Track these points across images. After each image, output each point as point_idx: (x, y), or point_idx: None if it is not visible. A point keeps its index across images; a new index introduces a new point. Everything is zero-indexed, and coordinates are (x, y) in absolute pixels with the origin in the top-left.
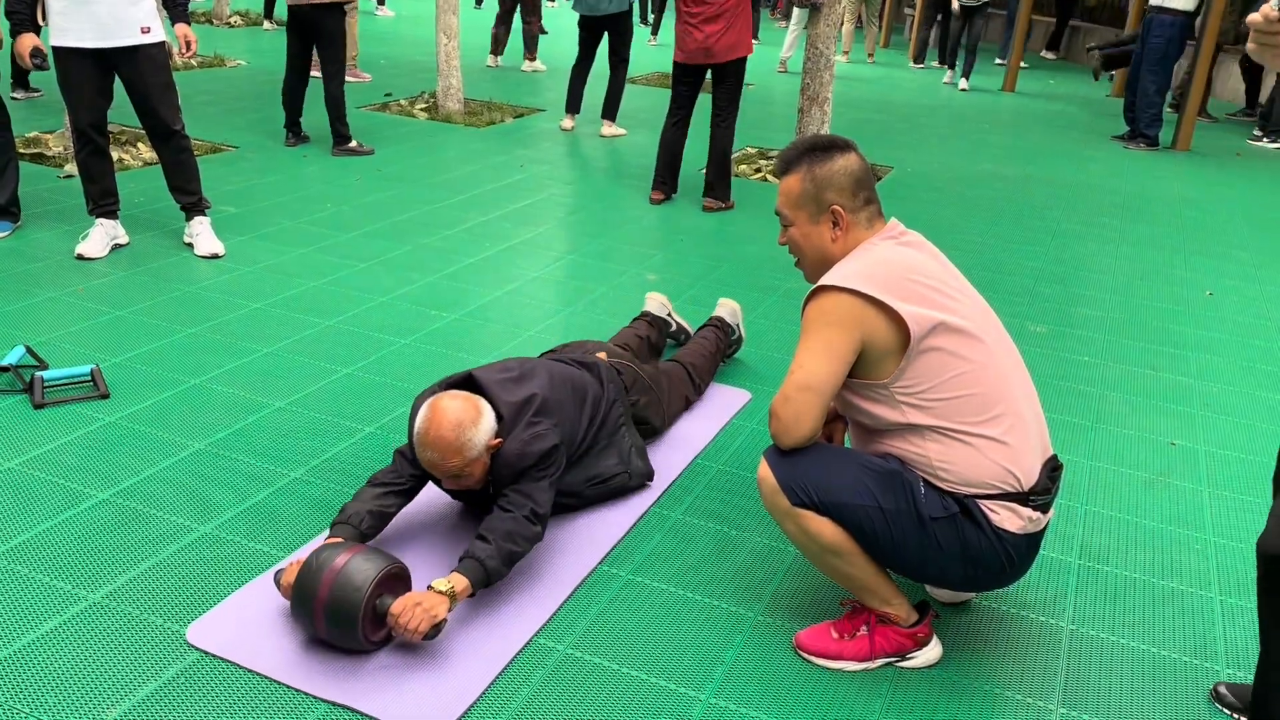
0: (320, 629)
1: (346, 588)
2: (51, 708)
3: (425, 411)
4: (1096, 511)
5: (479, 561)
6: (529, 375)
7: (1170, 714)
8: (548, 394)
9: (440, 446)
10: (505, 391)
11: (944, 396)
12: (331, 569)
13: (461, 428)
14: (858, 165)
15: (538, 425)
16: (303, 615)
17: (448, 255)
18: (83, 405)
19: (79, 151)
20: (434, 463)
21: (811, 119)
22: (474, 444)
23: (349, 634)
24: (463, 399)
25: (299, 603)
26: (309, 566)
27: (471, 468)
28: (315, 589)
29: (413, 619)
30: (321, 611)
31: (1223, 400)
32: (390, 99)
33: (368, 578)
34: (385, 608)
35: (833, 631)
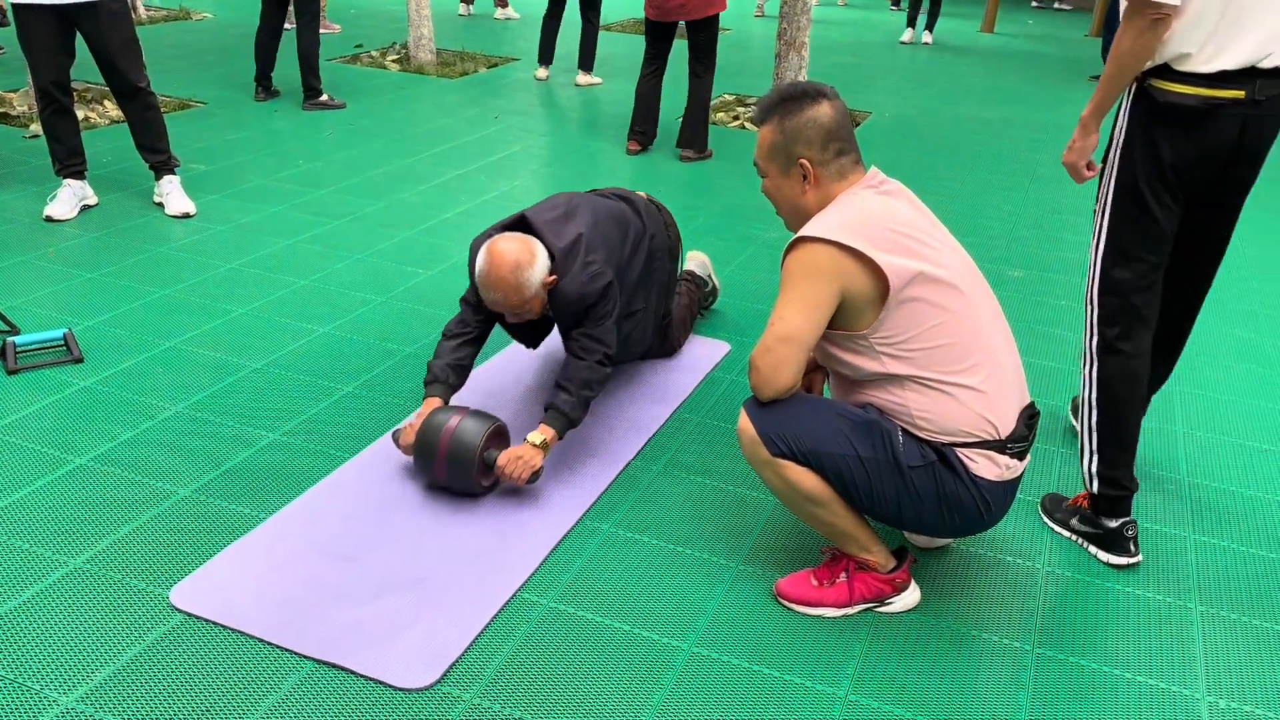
0: (440, 477)
1: (461, 444)
2: (36, 673)
3: (484, 255)
4: (1073, 455)
5: (562, 413)
6: (575, 213)
7: (1143, 651)
8: (594, 231)
9: (501, 287)
10: (555, 234)
11: (923, 346)
12: (447, 429)
13: (519, 268)
14: (829, 116)
15: (592, 264)
16: (425, 467)
17: (424, 210)
18: (57, 370)
19: (43, 111)
20: (497, 302)
21: (789, 64)
22: (531, 282)
23: (465, 481)
24: (518, 240)
25: (422, 456)
26: (427, 427)
27: (530, 304)
28: (435, 446)
29: (516, 469)
30: (443, 463)
31: (1197, 339)
32: (361, 50)
33: (477, 436)
34: (492, 460)
35: (812, 579)
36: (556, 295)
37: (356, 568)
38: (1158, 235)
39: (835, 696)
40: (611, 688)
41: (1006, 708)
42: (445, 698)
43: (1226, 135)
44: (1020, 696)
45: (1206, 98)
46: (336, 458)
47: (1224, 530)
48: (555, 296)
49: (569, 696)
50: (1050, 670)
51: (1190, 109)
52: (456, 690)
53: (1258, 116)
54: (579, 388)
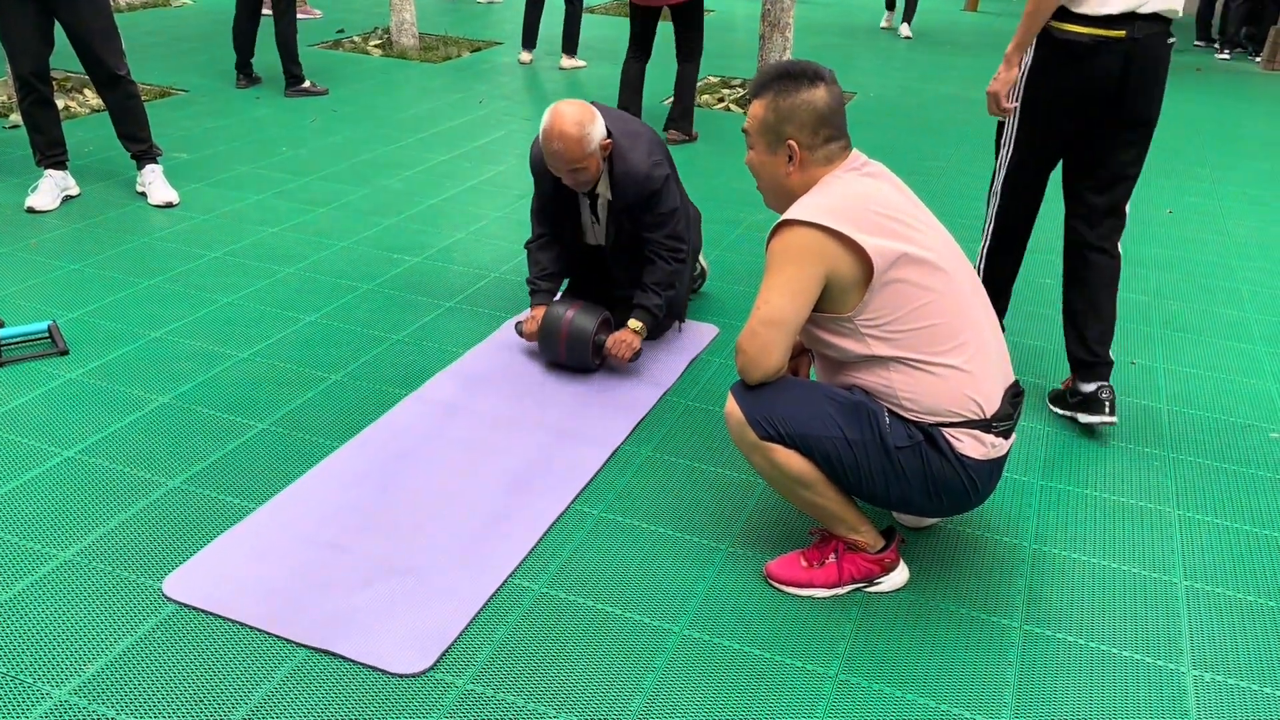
0: (562, 355)
1: (579, 330)
2: (29, 666)
3: (549, 114)
4: (1058, 432)
5: (651, 312)
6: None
7: (1128, 626)
8: (653, 141)
9: (564, 138)
10: (620, 120)
11: (908, 328)
12: (565, 319)
13: (582, 124)
14: (824, 101)
15: (655, 155)
16: (549, 348)
17: (408, 197)
18: (42, 362)
19: (22, 101)
20: (558, 153)
21: (773, 45)
22: (591, 138)
23: (583, 358)
24: (578, 103)
25: (546, 340)
26: (550, 318)
27: (588, 161)
28: (557, 332)
29: (620, 350)
30: (563, 345)
31: (1182, 318)
32: (343, 36)
33: (591, 322)
34: (602, 342)
35: (802, 560)
36: (621, 174)
37: (348, 555)
38: (1052, 146)
39: (826, 676)
40: (604, 671)
41: (995, 683)
42: (439, 683)
43: (1112, 66)
44: (1008, 673)
45: (1095, 35)
46: (325, 446)
47: (1209, 506)
48: (620, 175)
49: (562, 680)
50: (1037, 646)
51: (1083, 44)
52: (450, 676)
53: (1138, 52)
54: (665, 289)
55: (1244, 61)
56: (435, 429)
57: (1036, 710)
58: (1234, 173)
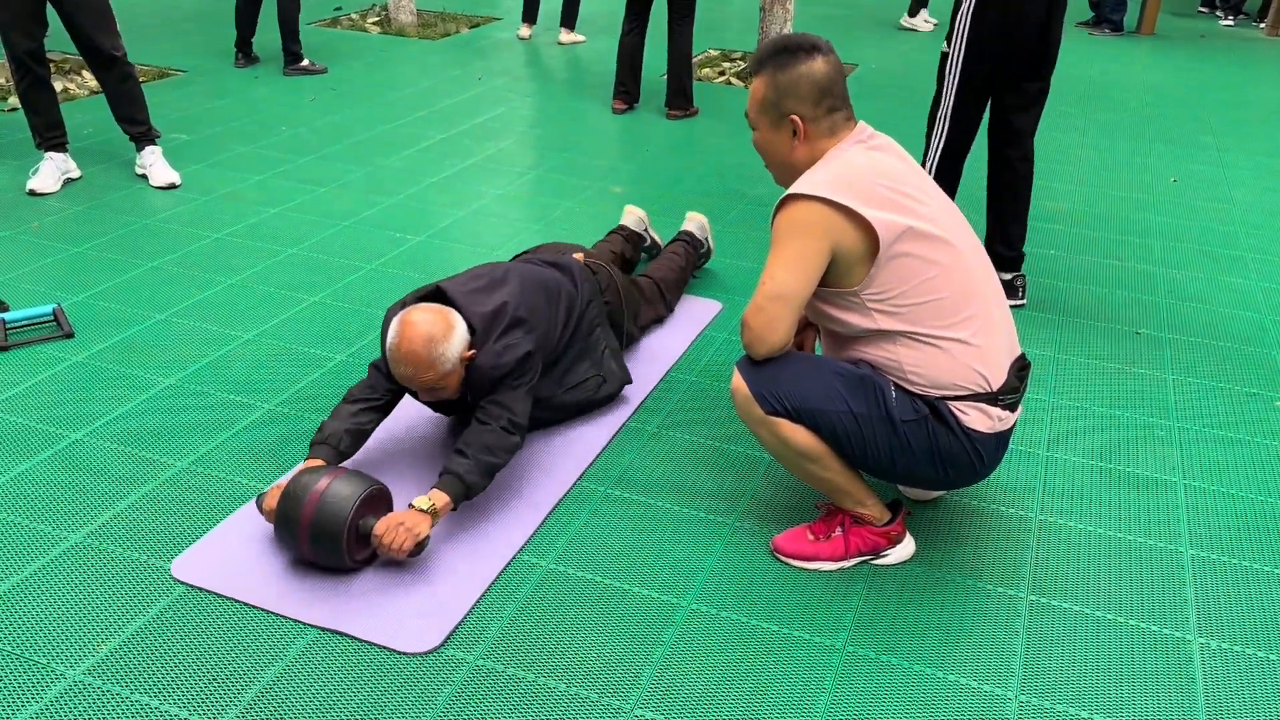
0: (305, 551)
1: (329, 511)
2: (42, 647)
3: (396, 327)
4: (1064, 403)
5: (458, 476)
6: (499, 283)
7: (1135, 595)
8: (519, 300)
9: (413, 361)
10: (475, 302)
11: (914, 301)
12: (313, 493)
13: (433, 342)
14: (823, 72)
15: (510, 335)
16: (288, 538)
17: (409, 175)
18: (48, 346)
19: (19, 84)
20: (408, 377)
21: (774, 18)
22: (447, 357)
23: (334, 554)
24: (433, 312)
25: (283, 526)
26: (291, 492)
27: (446, 380)
28: (299, 513)
29: (396, 538)
30: (306, 534)
31: (1187, 287)
32: (340, 14)
33: (349, 500)
34: (368, 528)
35: (808, 534)
36: (474, 377)
37: None
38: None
39: (834, 648)
40: (613, 645)
41: (1002, 653)
42: (449, 660)
43: (1038, 11)
44: (1015, 643)
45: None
46: None
47: (1215, 475)
48: (474, 378)
49: (571, 655)
50: (1044, 616)
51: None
52: (460, 653)
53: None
54: (478, 451)
55: (1248, 28)
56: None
57: (1044, 680)
58: (1238, 140)
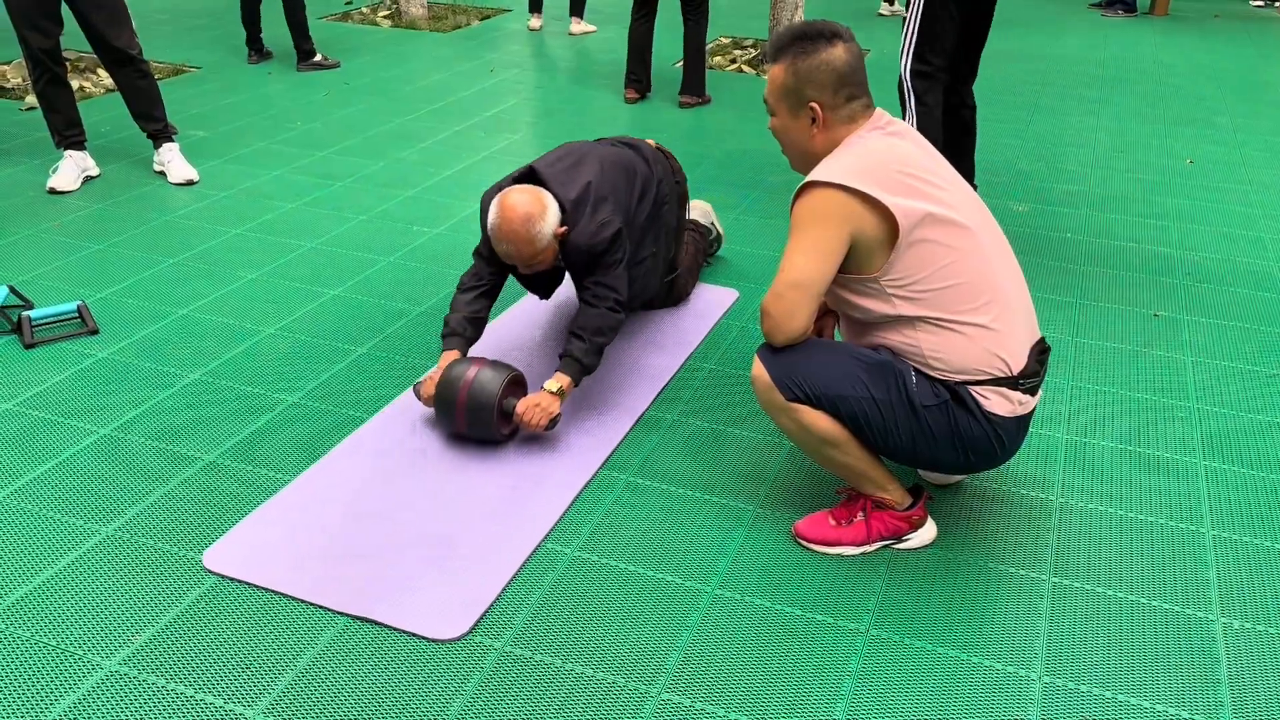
0: (461, 427)
1: (480, 394)
2: (78, 638)
3: (495, 209)
4: (1083, 386)
5: (576, 359)
6: (583, 162)
7: (1157, 576)
8: (601, 179)
9: (514, 239)
10: (564, 183)
11: (934, 287)
12: (465, 381)
13: (531, 220)
14: (843, 60)
15: (600, 213)
16: (445, 417)
17: (425, 168)
18: (73, 342)
19: (36, 82)
20: (509, 254)
21: (785, 4)
22: (543, 234)
23: (485, 429)
24: (529, 193)
25: (442, 408)
26: (446, 380)
27: (543, 255)
28: (454, 398)
29: (534, 417)
30: (462, 414)
31: (1204, 268)
32: (351, 8)
33: (495, 385)
34: (511, 408)
35: (830, 519)
36: (567, 245)
37: (383, 524)
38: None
39: (858, 631)
40: (639, 631)
41: (1025, 635)
42: (478, 647)
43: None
44: (1038, 624)
45: None
46: (356, 418)
47: (1236, 456)
48: (565, 247)
49: (598, 641)
50: (1067, 598)
51: None
52: (488, 639)
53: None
54: (592, 334)
55: (1269, 9)
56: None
57: (1067, 661)
58: (1255, 121)
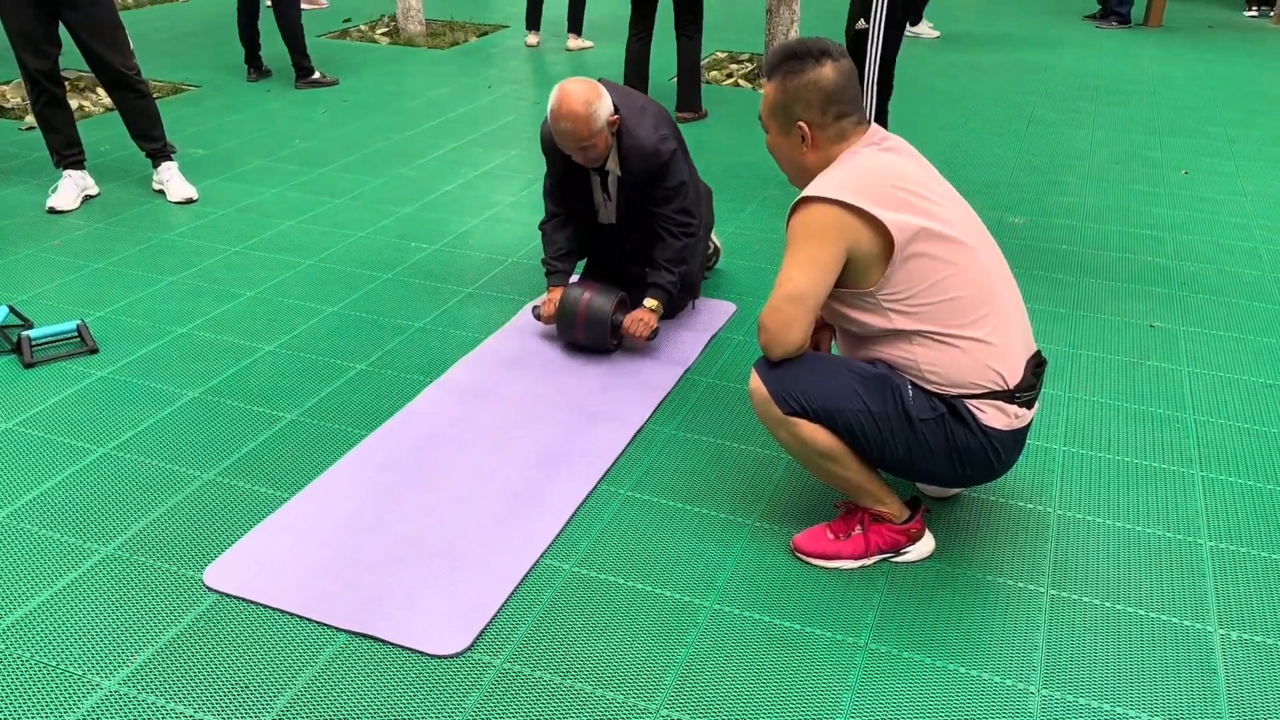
0: (580, 337)
1: (596, 310)
2: (77, 658)
3: (556, 92)
4: (1079, 398)
5: (664, 289)
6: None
7: (1155, 588)
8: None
9: (572, 117)
10: (625, 95)
11: (929, 301)
12: (582, 300)
13: (589, 101)
14: (832, 79)
15: (661, 129)
16: (567, 330)
17: (423, 185)
18: (73, 361)
19: (35, 103)
20: (567, 132)
21: (780, 20)
22: (598, 115)
23: (601, 338)
24: (585, 81)
25: (564, 322)
26: (566, 302)
27: (596, 138)
28: (574, 315)
29: (638, 329)
30: (581, 327)
31: (1200, 279)
32: (349, 25)
33: (608, 303)
34: (619, 322)
35: (828, 533)
36: (629, 149)
37: (382, 541)
38: None
39: (856, 645)
40: (638, 647)
41: (1024, 648)
42: (477, 663)
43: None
44: (1037, 637)
45: None
46: (354, 435)
47: (1233, 467)
48: (628, 150)
49: (597, 657)
50: (1065, 610)
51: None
52: (488, 656)
53: None
54: (677, 264)
55: (1264, 18)
56: (461, 414)
57: (1066, 673)
58: (1248, 131)
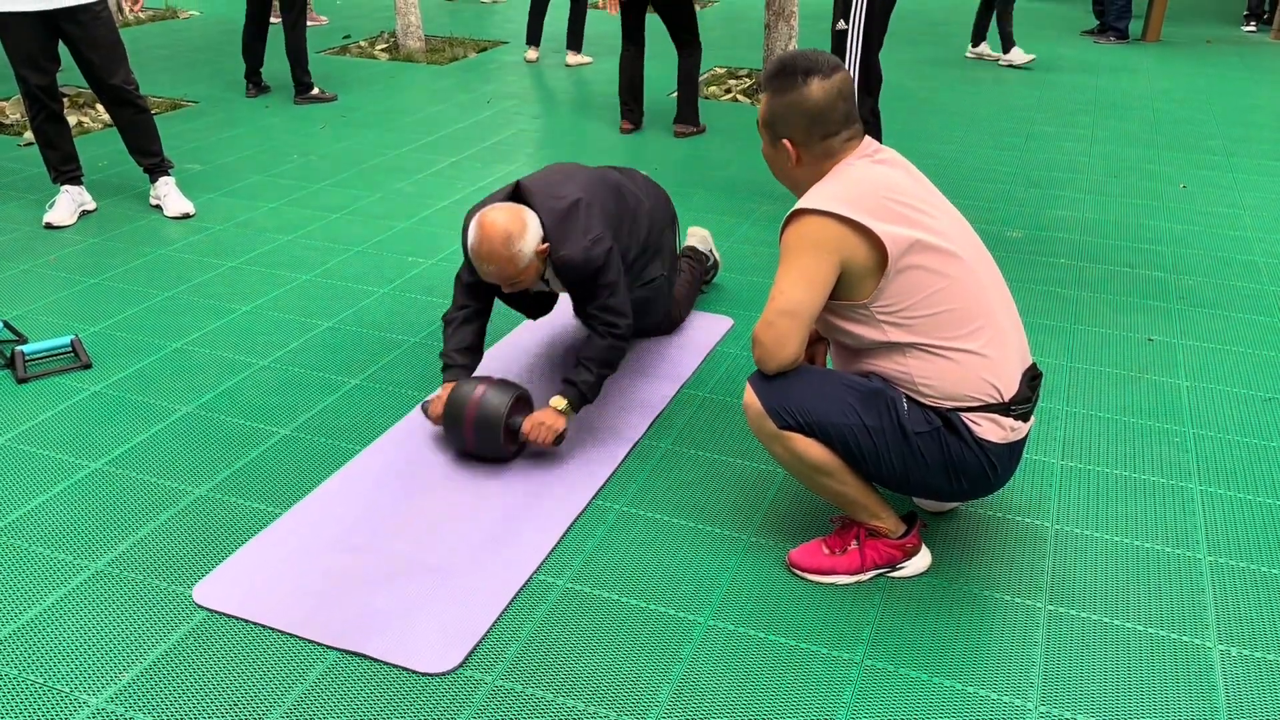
0: (470, 444)
1: (487, 411)
2: (65, 676)
3: (474, 227)
4: (1077, 412)
5: (580, 390)
6: (571, 179)
7: (1153, 603)
8: (591, 197)
9: (494, 258)
10: (550, 201)
11: (924, 314)
12: (472, 399)
13: (510, 239)
14: (819, 100)
15: (591, 229)
16: (454, 435)
17: (421, 200)
18: (66, 377)
19: (33, 119)
20: (490, 273)
21: (778, 35)
22: (523, 253)
23: (493, 446)
24: (507, 210)
25: (450, 424)
26: (454, 399)
27: (524, 274)
28: (462, 415)
29: (540, 434)
30: (470, 432)
31: (1198, 293)
32: (349, 41)
33: (502, 404)
34: (517, 425)
35: (824, 547)
36: (560, 265)
37: (374, 557)
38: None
39: (852, 661)
40: (631, 663)
41: (1021, 664)
42: (469, 680)
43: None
44: (1034, 653)
45: None
46: (348, 450)
47: (1232, 480)
48: (559, 266)
49: (590, 674)
50: (1063, 626)
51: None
52: (479, 673)
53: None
54: (599, 366)
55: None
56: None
57: (1064, 690)
58: (1246, 145)
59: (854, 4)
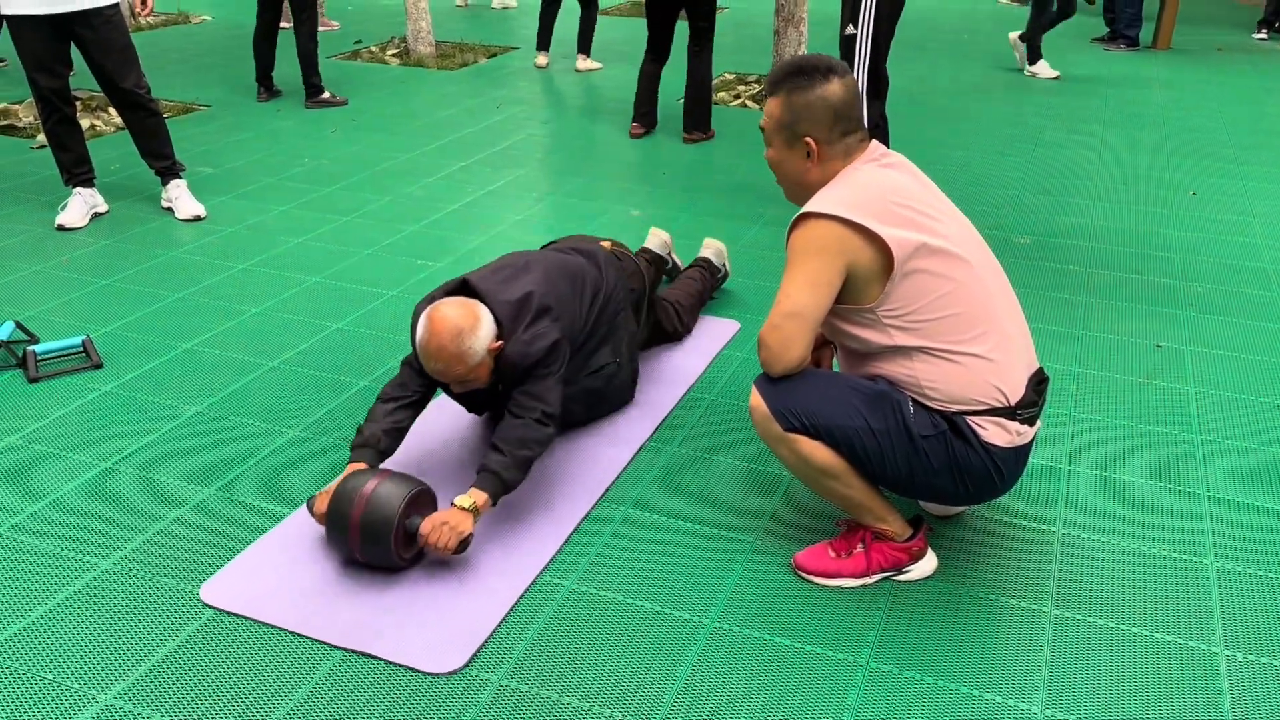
0: (356, 551)
1: (376, 512)
2: (75, 672)
3: (424, 323)
4: (1085, 417)
5: (495, 474)
6: (524, 271)
7: (1160, 608)
8: (545, 288)
9: (443, 356)
10: (501, 293)
11: (930, 317)
12: (361, 495)
13: (461, 336)
14: (839, 95)
15: (538, 324)
16: (338, 539)
17: (430, 203)
18: (78, 376)
19: (46, 121)
20: (439, 371)
21: (788, 40)
22: (475, 350)
23: (383, 554)
24: (459, 305)
25: (334, 527)
26: (340, 495)
27: (475, 372)
28: (349, 515)
29: (441, 537)
30: (356, 535)
31: (1208, 299)
32: (360, 46)
33: (396, 501)
34: (415, 527)
35: (830, 551)
36: (504, 366)
37: None
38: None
39: (857, 664)
40: (637, 665)
41: (1027, 669)
42: (474, 680)
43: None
44: (1040, 657)
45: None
46: None
47: (1239, 487)
48: (503, 367)
49: (595, 675)
50: (1069, 630)
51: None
52: (484, 673)
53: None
54: (514, 447)
55: (1275, 40)
56: (462, 431)
57: (1069, 694)
58: (1257, 153)
59: (862, 9)
